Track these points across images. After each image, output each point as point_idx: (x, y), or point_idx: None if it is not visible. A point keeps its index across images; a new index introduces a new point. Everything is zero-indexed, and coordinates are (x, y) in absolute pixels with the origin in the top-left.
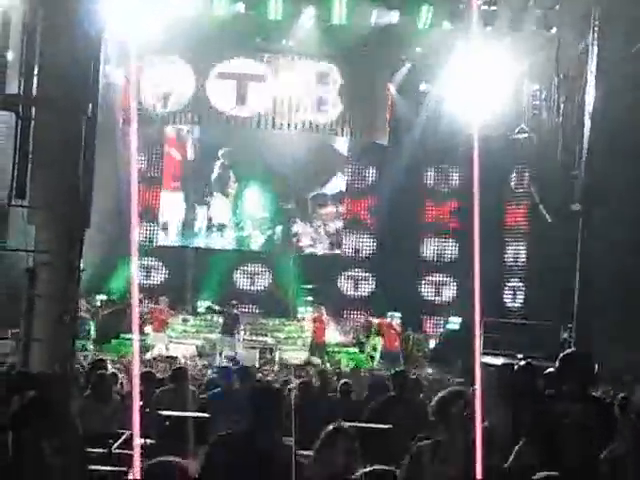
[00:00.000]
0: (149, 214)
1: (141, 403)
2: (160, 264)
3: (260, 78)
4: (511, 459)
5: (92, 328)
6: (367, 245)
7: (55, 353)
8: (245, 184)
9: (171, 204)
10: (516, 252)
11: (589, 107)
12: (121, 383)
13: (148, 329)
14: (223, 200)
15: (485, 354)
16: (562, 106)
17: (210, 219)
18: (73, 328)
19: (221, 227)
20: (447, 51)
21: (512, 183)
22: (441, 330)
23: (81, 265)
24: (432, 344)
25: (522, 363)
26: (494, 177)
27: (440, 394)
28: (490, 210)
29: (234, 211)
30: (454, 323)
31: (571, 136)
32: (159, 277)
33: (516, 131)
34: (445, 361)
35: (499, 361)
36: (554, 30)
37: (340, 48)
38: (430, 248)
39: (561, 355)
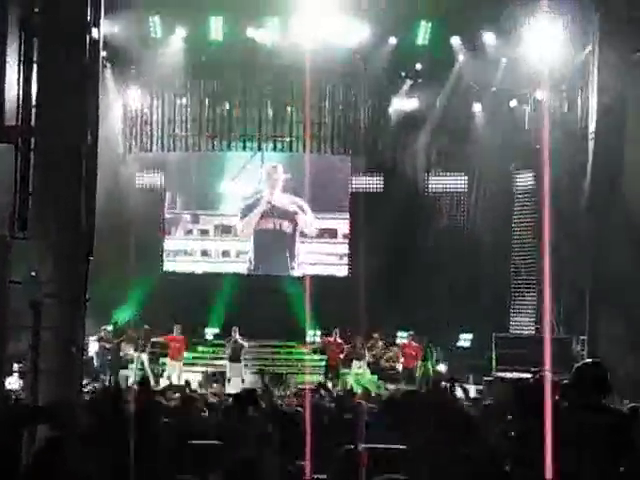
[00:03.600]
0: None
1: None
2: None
3: None
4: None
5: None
6: (376, 262)
7: (63, 385)
8: None
9: None
10: (524, 263)
11: (592, 116)
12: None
13: (165, 359)
14: None
15: (499, 370)
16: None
17: None
18: (80, 359)
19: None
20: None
21: (516, 191)
22: (451, 348)
23: (87, 295)
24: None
25: (536, 377)
26: (498, 184)
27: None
28: (496, 219)
29: None
30: (465, 340)
31: (576, 147)
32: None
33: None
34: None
35: (513, 376)
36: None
37: None
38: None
39: (575, 367)
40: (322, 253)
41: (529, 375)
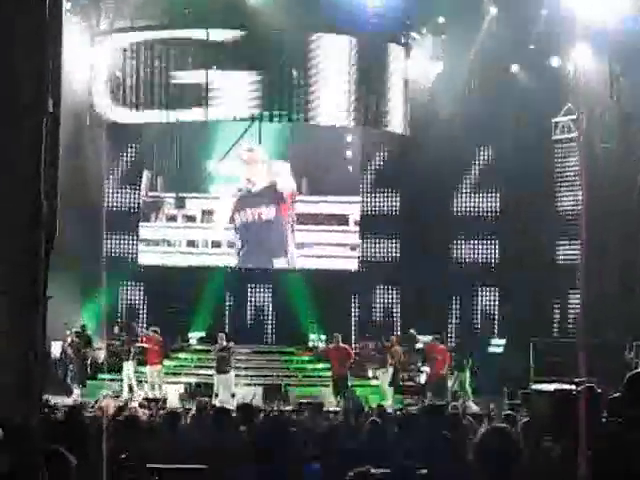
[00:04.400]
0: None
1: (125, 455)
2: (143, 288)
3: None
4: None
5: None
6: (390, 257)
7: (19, 398)
8: None
9: None
10: (569, 254)
11: None
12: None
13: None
14: None
15: (537, 381)
16: (619, 80)
17: None
18: (39, 368)
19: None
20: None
21: (561, 174)
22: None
23: (46, 292)
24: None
25: (581, 388)
26: (539, 171)
27: (478, 435)
28: (538, 206)
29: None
30: (497, 345)
31: (630, 116)
32: (143, 304)
33: (561, 113)
34: (488, 391)
35: (553, 387)
36: None
37: None
38: (466, 254)
39: (627, 376)
40: (329, 243)
41: (572, 387)
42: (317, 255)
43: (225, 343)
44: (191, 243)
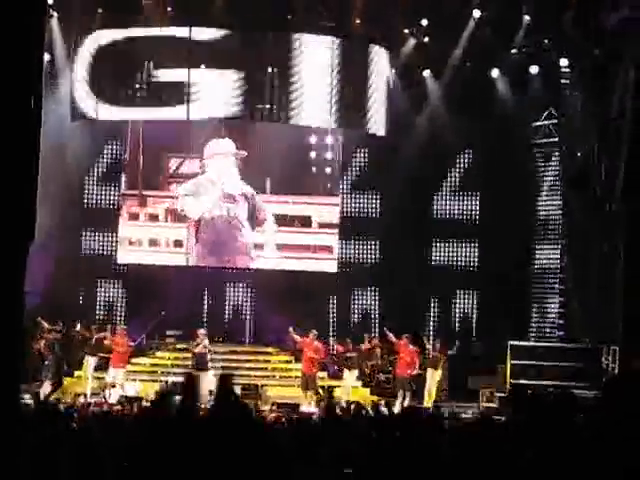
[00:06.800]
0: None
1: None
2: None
3: None
4: None
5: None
6: (369, 257)
7: None
8: None
9: None
10: (548, 258)
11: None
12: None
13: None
14: None
15: (514, 385)
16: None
17: None
18: (18, 364)
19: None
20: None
21: (541, 178)
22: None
23: (24, 287)
24: None
25: (557, 393)
26: (520, 175)
27: (460, 438)
28: (518, 210)
29: None
30: (475, 348)
31: (610, 118)
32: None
33: (543, 116)
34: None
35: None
36: None
37: None
38: (443, 255)
39: (603, 381)
40: (307, 244)
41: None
42: (296, 257)
43: (206, 340)
44: (154, 242)
